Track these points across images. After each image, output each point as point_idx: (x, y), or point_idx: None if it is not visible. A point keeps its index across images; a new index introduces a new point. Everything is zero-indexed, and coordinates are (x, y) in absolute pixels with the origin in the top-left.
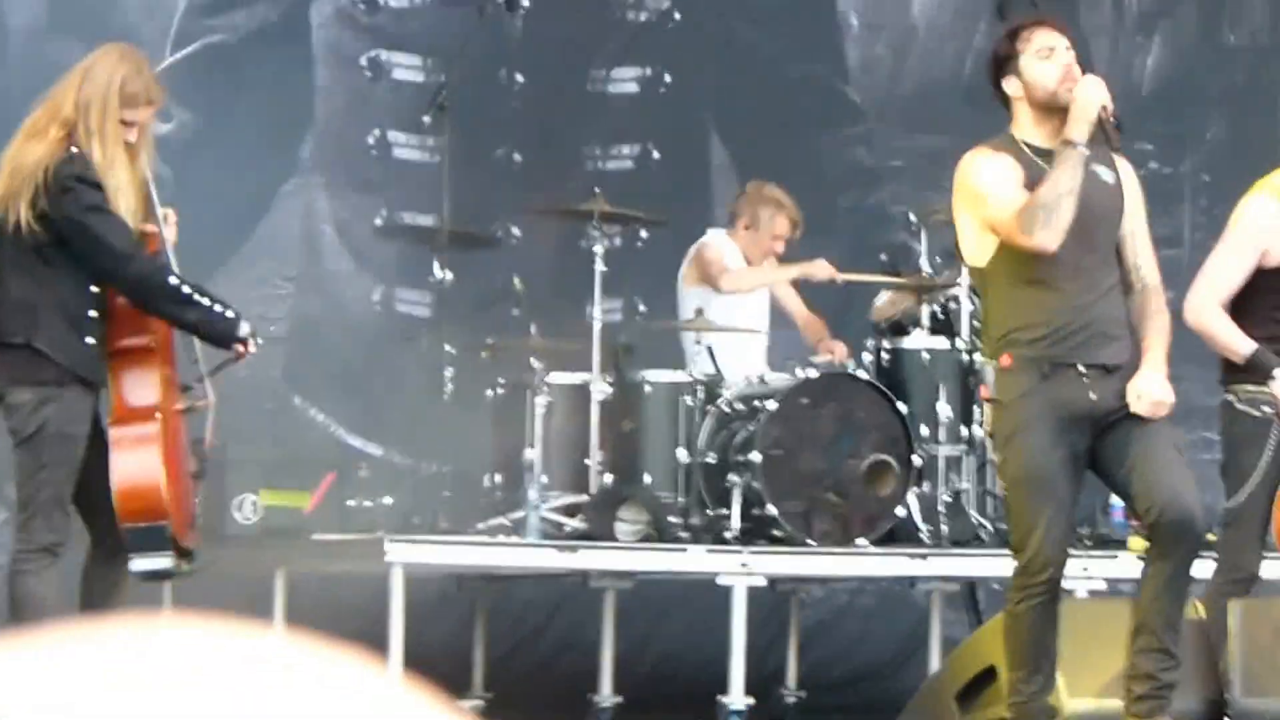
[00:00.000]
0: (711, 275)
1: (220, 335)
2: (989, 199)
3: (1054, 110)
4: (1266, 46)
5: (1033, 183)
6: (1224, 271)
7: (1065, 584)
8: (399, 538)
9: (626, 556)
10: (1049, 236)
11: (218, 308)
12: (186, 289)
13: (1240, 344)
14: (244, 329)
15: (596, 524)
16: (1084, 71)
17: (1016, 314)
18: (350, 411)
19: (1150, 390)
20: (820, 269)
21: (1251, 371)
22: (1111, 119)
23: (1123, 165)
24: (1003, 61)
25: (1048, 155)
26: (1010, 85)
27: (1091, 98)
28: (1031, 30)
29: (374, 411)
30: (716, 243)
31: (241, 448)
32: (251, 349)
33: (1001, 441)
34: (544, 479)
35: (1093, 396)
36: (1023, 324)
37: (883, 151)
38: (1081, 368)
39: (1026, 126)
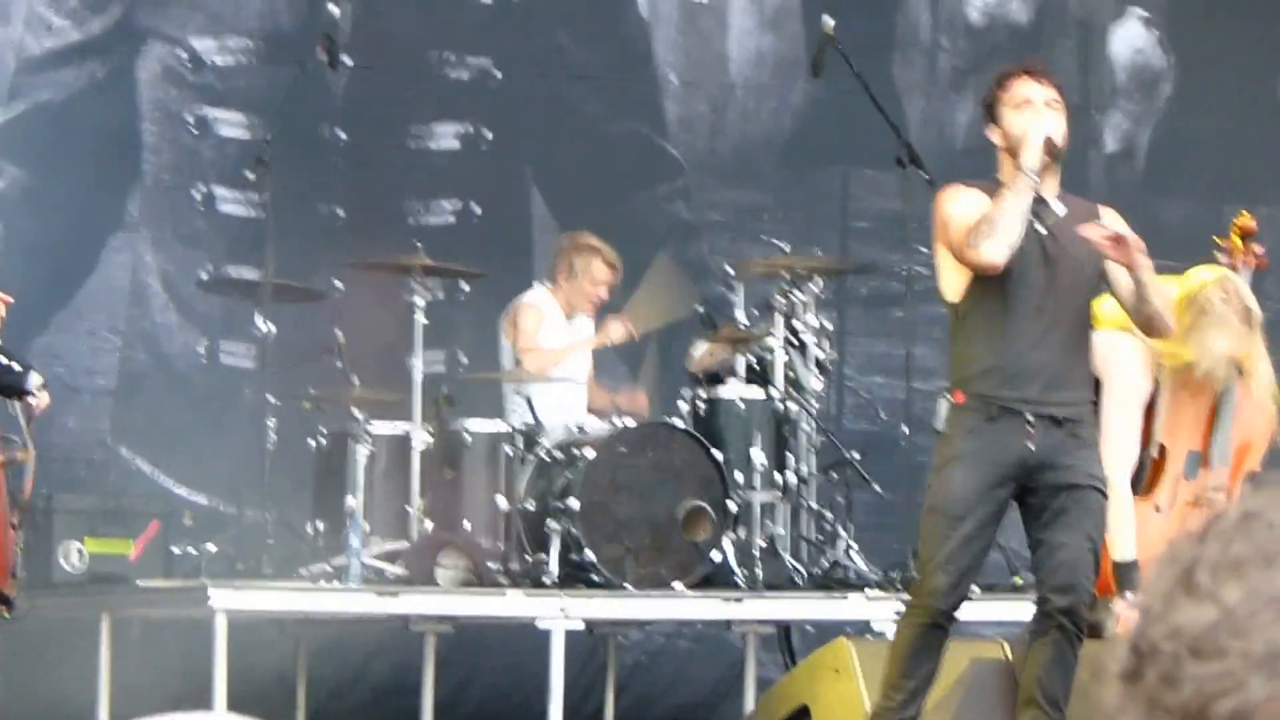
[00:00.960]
0: (519, 350)
1: (8, 387)
2: (952, 222)
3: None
4: (1076, 102)
5: None
6: (1124, 438)
7: (877, 626)
8: (223, 584)
9: (447, 601)
10: (994, 247)
11: (3, 360)
12: None
13: (1124, 548)
14: (32, 381)
15: (417, 569)
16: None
17: (974, 353)
18: (176, 461)
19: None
20: (615, 331)
21: (1117, 579)
22: (1053, 143)
23: (1107, 213)
24: (988, 110)
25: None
26: (993, 133)
27: (1035, 128)
28: (1012, 80)
29: (199, 461)
30: (535, 303)
31: (68, 497)
32: (42, 400)
33: (935, 470)
34: (365, 526)
35: (1030, 446)
36: (978, 363)
37: (701, 206)
38: (1030, 416)
39: (1008, 172)
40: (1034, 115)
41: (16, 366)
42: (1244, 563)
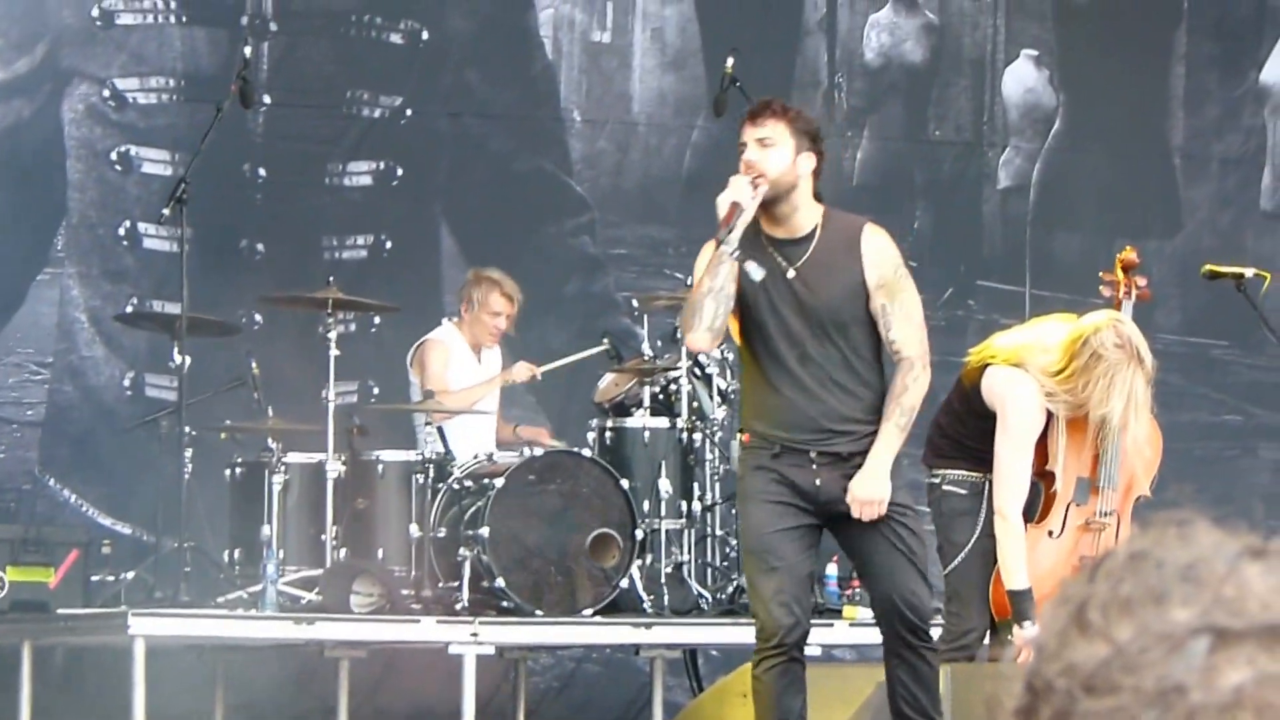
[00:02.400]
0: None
1: None
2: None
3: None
4: (969, 140)
5: (763, 267)
6: (1018, 471)
7: None
8: (141, 611)
9: (361, 628)
10: (697, 338)
11: None
12: None
13: (1017, 578)
14: None
15: (332, 597)
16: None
17: (754, 397)
18: (100, 492)
19: (860, 492)
20: (519, 372)
21: (1013, 607)
22: (737, 207)
23: (870, 242)
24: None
25: (779, 244)
26: None
27: (721, 198)
28: (742, 124)
29: (123, 491)
30: (442, 340)
31: None
32: None
33: (739, 513)
34: (281, 554)
35: (816, 483)
36: (759, 407)
37: (606, 240)
38: (813, 454)
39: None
40: (741, 168)
41: None
42: (1134, 601)
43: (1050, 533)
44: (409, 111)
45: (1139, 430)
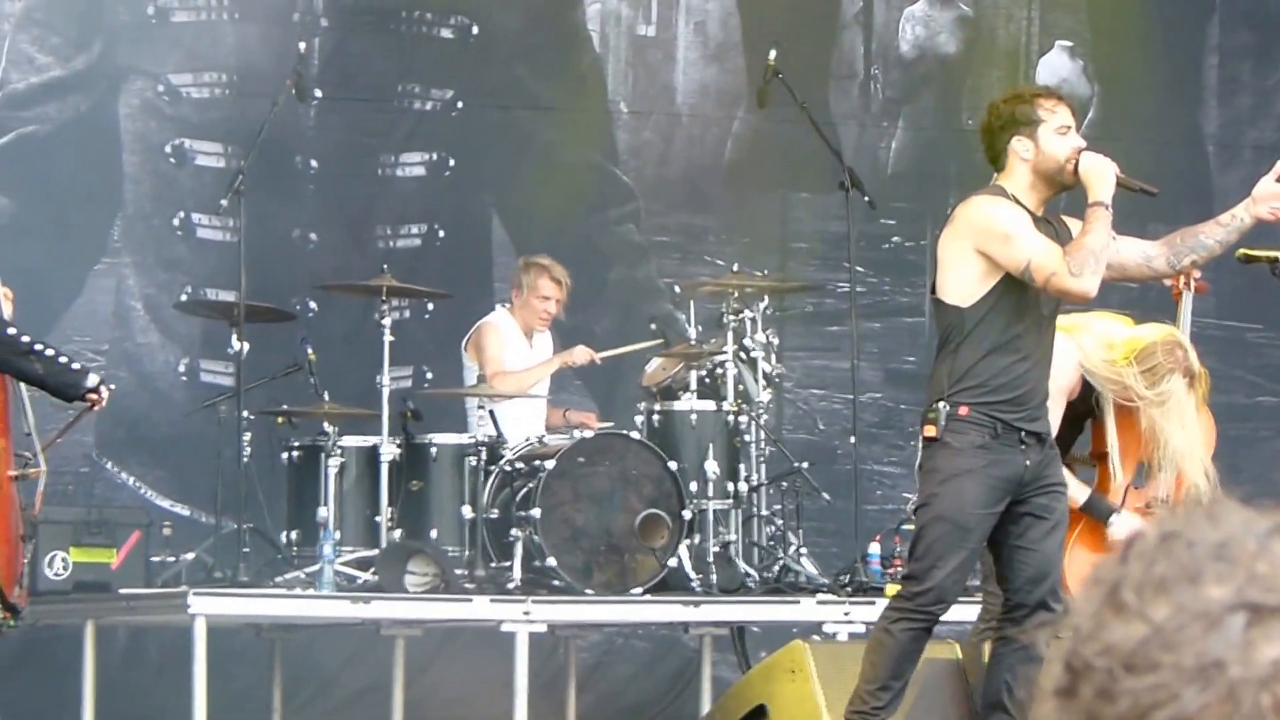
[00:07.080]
0: (489, 375)
1: (68, 385)
2: (1020, 239)
3: (1052, 182)
4: None
5: None
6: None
7: (827, 628)
8: (202, 591)
9: (416, 607)
10: (1094, 282)
11: (63, 359)
12: (27, 339)
13: (1077, 493)
14: (92, 380)
15: (387, 577)
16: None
17: (983, 369)
18: (158, 474)
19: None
20: (579, 355)
21: (1092, 512)
22: (1131, 179)
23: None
24: (1019, 122)
25: (1038, 221)
26: (1020, 145)
27: (1105, 165)
28: (1055, 103)
29: (180, 474)
30: (496, 325)
31: (53, 509)
32: (104, 396)
33: (938, 479)
34: (337, 535)
35: (1026, 463)
36: (987, 381)
37: (650, 228)
38: (1024, 434)
39: (1020, 188)
40: (1070, 144)
41: (76, 365)
42: (1169, 581)
43: None
44: (460, 104)
45: (1199, 409)
